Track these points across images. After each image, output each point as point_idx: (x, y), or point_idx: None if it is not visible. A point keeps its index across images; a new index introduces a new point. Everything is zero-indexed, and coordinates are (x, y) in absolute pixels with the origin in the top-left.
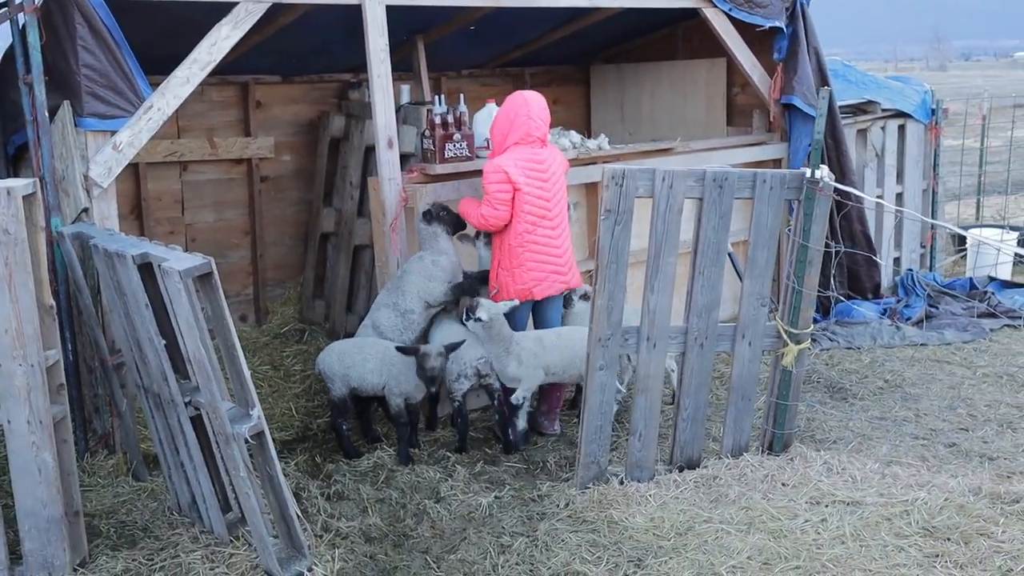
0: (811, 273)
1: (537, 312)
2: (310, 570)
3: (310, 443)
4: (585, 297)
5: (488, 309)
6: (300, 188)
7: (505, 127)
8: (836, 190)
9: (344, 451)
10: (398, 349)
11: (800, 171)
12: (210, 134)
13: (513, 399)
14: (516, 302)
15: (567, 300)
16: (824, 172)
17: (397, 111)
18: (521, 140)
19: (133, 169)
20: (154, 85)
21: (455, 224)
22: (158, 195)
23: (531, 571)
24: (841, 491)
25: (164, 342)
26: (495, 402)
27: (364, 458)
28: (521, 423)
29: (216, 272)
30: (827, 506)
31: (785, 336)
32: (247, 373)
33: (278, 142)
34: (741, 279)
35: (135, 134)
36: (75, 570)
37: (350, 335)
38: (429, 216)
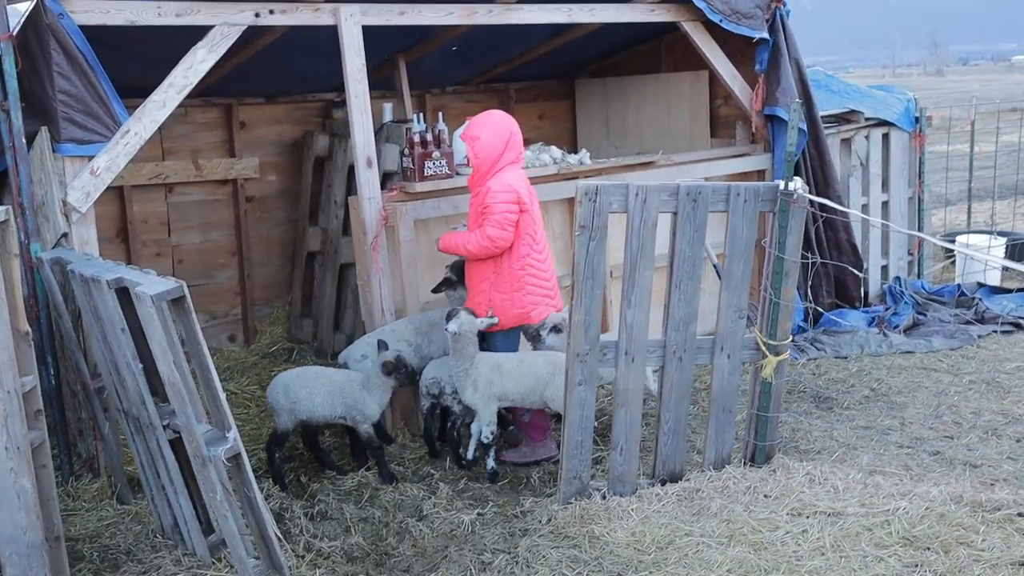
0: (788, 285)
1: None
2: None
3: (296, 463)
4: (556, 329)
5: (462, 323)
6: (286, 208)
7: (498, 147)
8: (811, 201)
9: (275, 479)
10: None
11: (774, 183)
12: (195, 156)
13: (482, 438)
14: (495, 320)
15: (534, 335)
16: (798, 184)
17: (380, 130)
18: (515, 160)
19: (118, 192)
20: (131, 109)
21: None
22: (144, 217)
23: None
24: (823, 502)
25: (141, 366)
26: (448, 423)
27: (349, 477)
28: (490, 462)
29: (188, 296)
30: (808, 517)
31: (764, 348)
32: (222, 396)
33: (263, 162)
34: None
35: (112, 159)
36: None
37: (337, 353)
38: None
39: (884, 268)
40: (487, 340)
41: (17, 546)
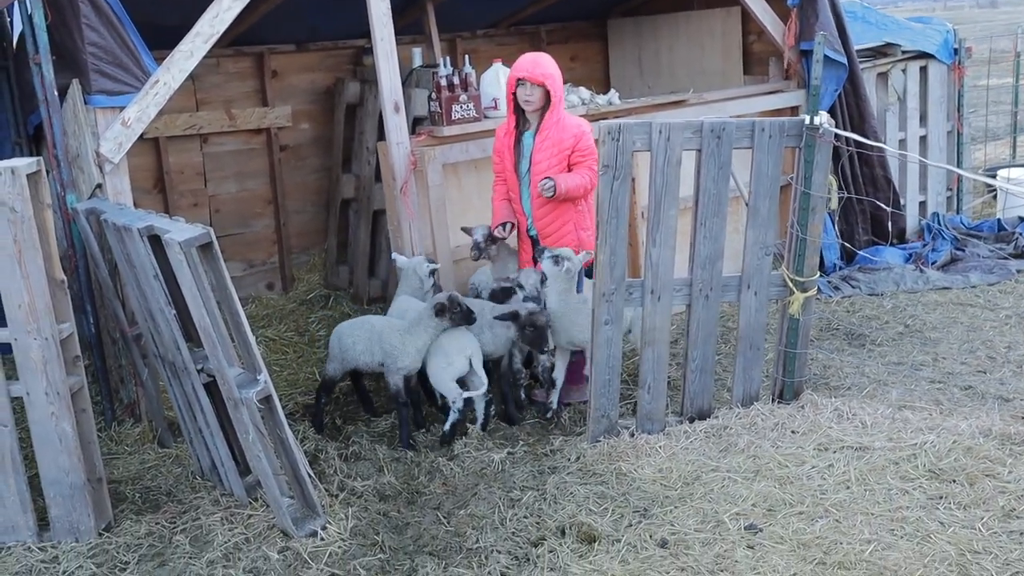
0: (814, 220)
1: None
2: (324, 528)
3: (331, 406)
4: (556, 260)
5: (573, 261)
6: (320, 155)
7: (561, 83)
8: (844, 137)
9: (313, 422)
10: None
11: (800, 118)
12: (228, 106)
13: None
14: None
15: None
16: (824, 118)
17: (409, 75)
18: None
19: (154, 143)
20: (160, 60)
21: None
22: (180, 168)
23: (538, 524)
24: (850, 437)
25: (174, 311)
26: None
27: (383, 418)
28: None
29: (215, 242)
30: (835, 452)
31: (791, 284)
32: (252, 340)
33: (295, 110)
34: None
35: (143, 109)
36: (100, 534)
37: (373, 300)
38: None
39: (922, 204)
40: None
41: (60, 487)
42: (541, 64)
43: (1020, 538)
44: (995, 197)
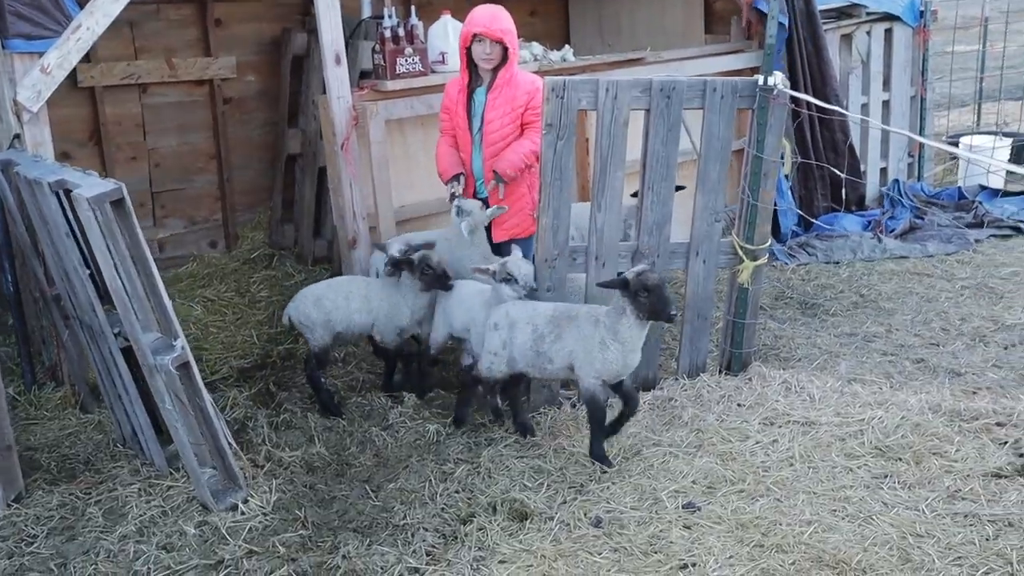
0: (766, 186)
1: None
2: (245, 502)
3: (268, 370)
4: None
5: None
6: (266, 109)
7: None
8: (804, 100)
9: (325, 407)
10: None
11: (753, 79)
12: (169, 54)
13: None
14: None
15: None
16: (778, 79)
17: (358, 26)
18: None
19: (89, 93)
20: (83, 4)
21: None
22: (117, 119)
23: (469, 499)
24: (797, 411)
25: (89, 271)
26: None
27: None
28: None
29: (127, 198)
30: (780, 427)
31: (741, 252)
32: (169, 303)
33: (240, 62)
34: None
35: (64, 55)
36: (8, 505)
37: (318, 260)
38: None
39: (883, 170)
40: (506, 252)
41: None
42: (499, 19)
43: (964, 521)
44: (956, 165)
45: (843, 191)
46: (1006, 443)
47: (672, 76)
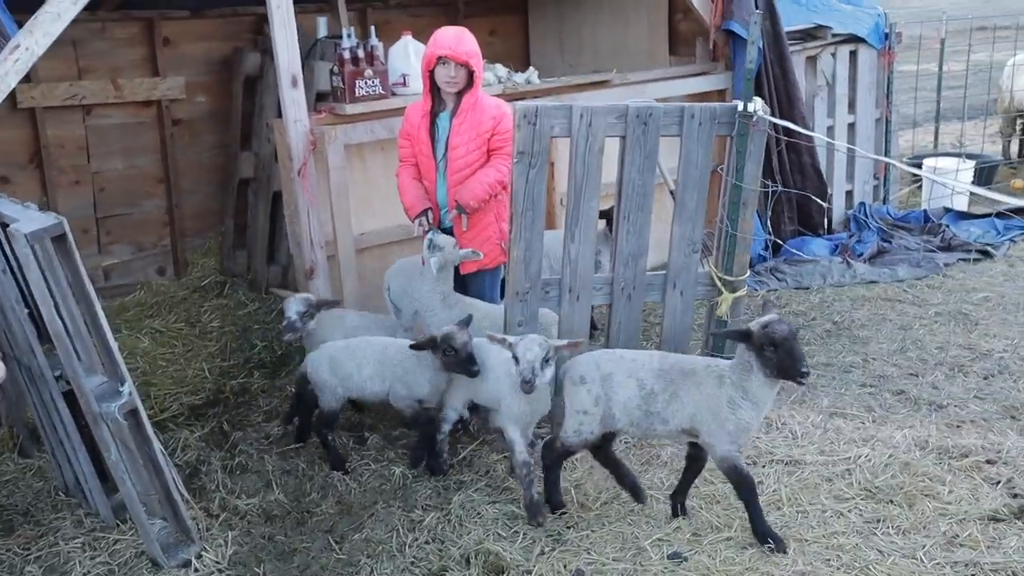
0: (746, 215)
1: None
2: (199, 556)
3: (221, 407)
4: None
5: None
6: (216, 131)
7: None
8: (780, 126)
9: (334, 465)
10: (412, 347)
11: (732, 104)
12: (114, 75)
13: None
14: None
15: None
16: (758, 105)
17: (314, 46)
18: None
19: (29, 114)
20: (22, 23)
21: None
22: (60, 142)
23: (440, 551)
24: (780, 449)
25: (27, 310)
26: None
27: (274, 424)
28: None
29: (70, 233)
30: (764, 466)
31: (719, 284)
32: (114, 344)
33: (189, 82)
34: None
35: (1, 77)
36: None
37: (272, 286)
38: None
39: (849, 193)
40: (471, 282)
41: None
42: (464, 41)
43: (965, 571)
44: (920, 187)
45: (814, 215)
46: (998, 483)
47: (647, 101)
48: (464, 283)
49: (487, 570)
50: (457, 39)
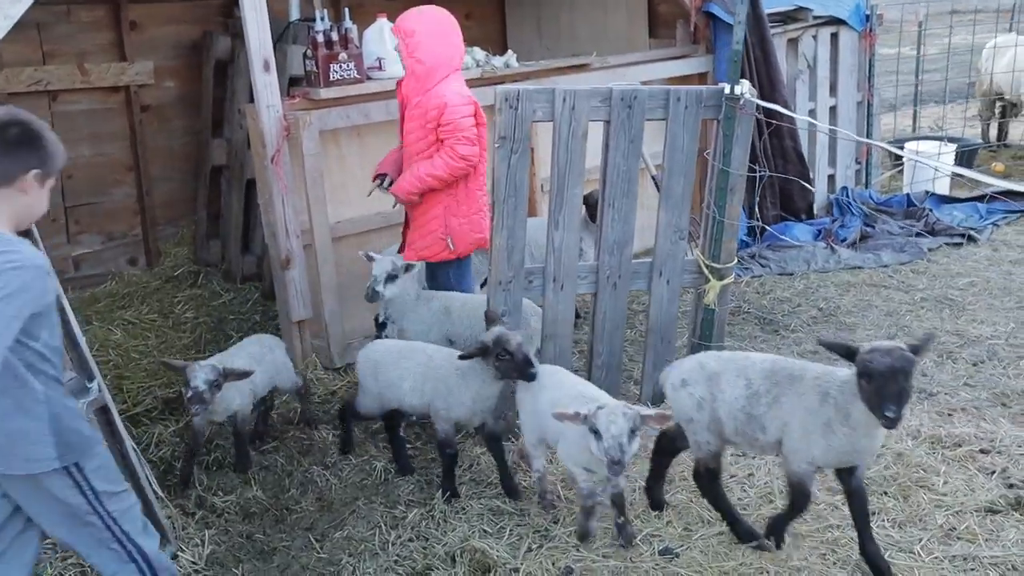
0: (733, 201)
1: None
2: (175, 557)
3: None
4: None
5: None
6: (187, 117)
7: (446, 52)
8: (761, 108)
9: (344, 446)
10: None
11: (719, 87)
12: (80, 59)
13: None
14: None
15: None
16: (745, 87)
17: (286, 29)
18: (458, 67)
19: None
20: None
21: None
22: None
23: (424, 549)
24: None
25: None
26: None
27: (251, 418)
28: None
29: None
30: (755, 458)
31: (707, 271)
32: (82, 338)
33: (158, 66)
34: None
35: None
36: None
37: (247, 278)
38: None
39: (831, 178)
40: (437, 273)
41: None
42: (407, 17)
43: (964, 565)
44: (901, 171)
45: (797, 199)
46: (993, 472)
47: (631, 84)
48: (433, 274)
49: (473, 568)
50: (405, 15)
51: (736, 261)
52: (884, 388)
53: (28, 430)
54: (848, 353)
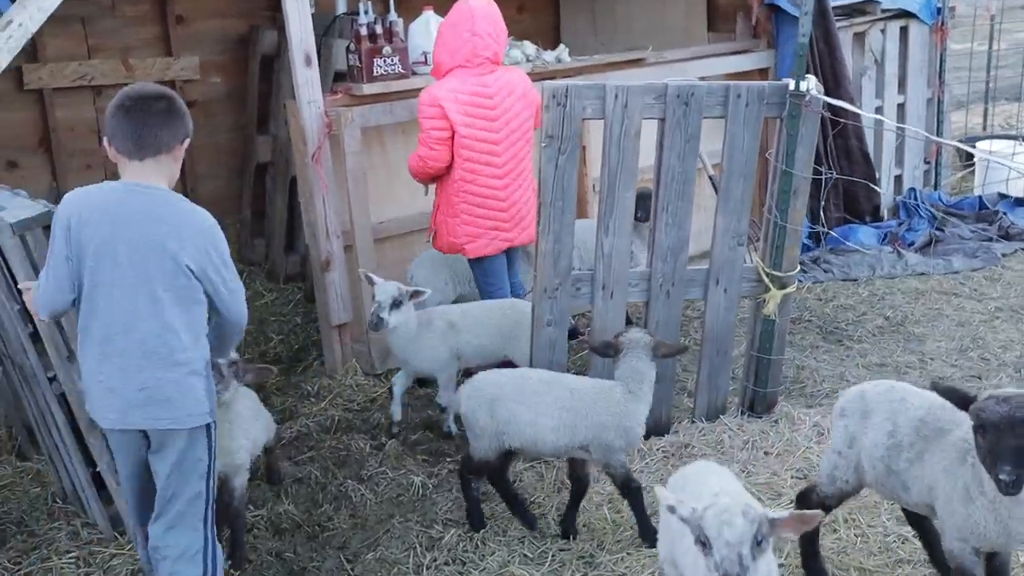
0: (796, 205)
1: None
2: None
3: None
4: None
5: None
6: (233, 113)
7: (446, 46)
8: (827, 105)
9: (472, 519)
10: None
11: (782, 83)
12: (125, 54)
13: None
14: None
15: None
16: (811, 84)
17: (332, 23)
18: (467, 63)
19: (37, 96)
20: None
21: None
22: (70, 125)
23: (460, 575)
24: None
25: (19, 306)
26: None
27: (287, 426)
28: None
29: None
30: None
31: (767, 280)
32: None
33: (204, 61)
34: None
35: None
36: None
37: (291, 278)
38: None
39: (898, 178)
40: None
41: None
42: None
43: None
44: (972, 172)
45: (865, 200)
46: None
47: (687, 80)
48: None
49: None
50: None
51: (798, 268)
52: (999, 444)
53: (196, 385)
54: (963, 402)
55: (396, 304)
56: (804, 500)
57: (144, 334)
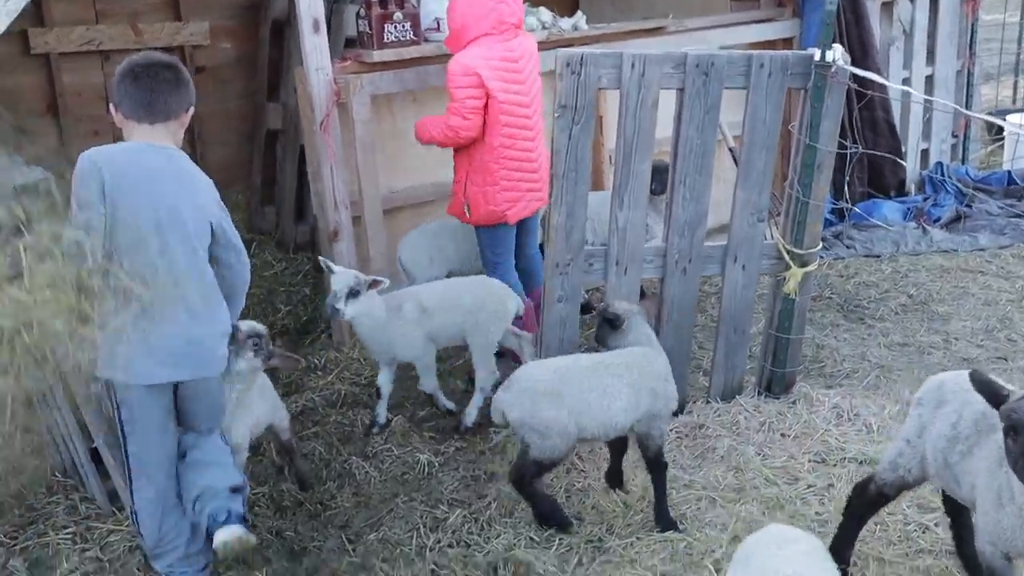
0: (820, 180)
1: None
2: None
3: None
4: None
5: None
6: (243, 79)
7: (469, 14)
8: (853, 76)
9: (554, 519)
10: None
11: (807, 53)
12: (133, 19)
13: None
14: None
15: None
16: (838, 54)
17: None
18: (492, 30)
19: (43, 60)
20: None
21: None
22: (77, 90)
23: (464, 557)
24: (853, 444)
25: None
26: None
27: (292, 400)
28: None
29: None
30: (835, 465)
31: (787, 257)
32: None
33: (214, 26)
34: None
35: None
36: None
37: (300, 247)
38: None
39: (924, 152)
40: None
41: None
42: None
43: None
44: (1002, 146)
45: (890, 175)
46: None
47: (709, 49)
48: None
49: None
50: None
51: (820, 245)
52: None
53: (219, 333)
54: (995, 399)
55: (353, 293)
56: (861, 491)
57: (187, 290)
